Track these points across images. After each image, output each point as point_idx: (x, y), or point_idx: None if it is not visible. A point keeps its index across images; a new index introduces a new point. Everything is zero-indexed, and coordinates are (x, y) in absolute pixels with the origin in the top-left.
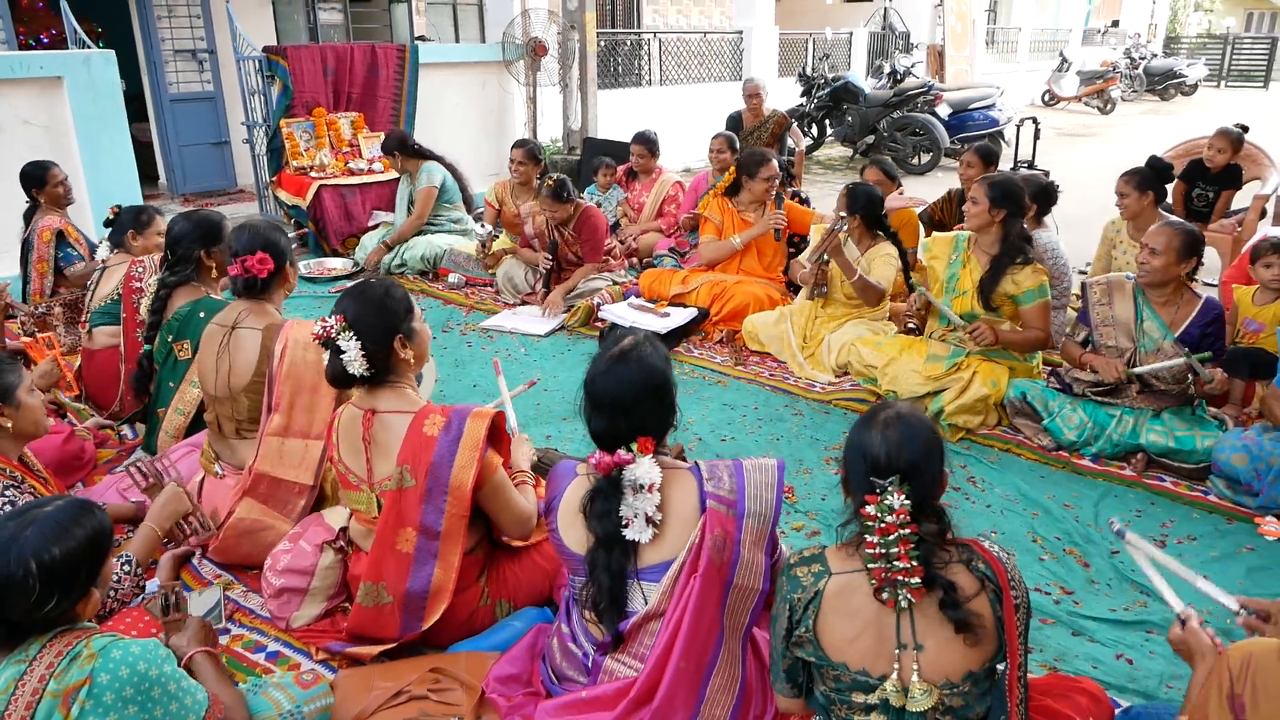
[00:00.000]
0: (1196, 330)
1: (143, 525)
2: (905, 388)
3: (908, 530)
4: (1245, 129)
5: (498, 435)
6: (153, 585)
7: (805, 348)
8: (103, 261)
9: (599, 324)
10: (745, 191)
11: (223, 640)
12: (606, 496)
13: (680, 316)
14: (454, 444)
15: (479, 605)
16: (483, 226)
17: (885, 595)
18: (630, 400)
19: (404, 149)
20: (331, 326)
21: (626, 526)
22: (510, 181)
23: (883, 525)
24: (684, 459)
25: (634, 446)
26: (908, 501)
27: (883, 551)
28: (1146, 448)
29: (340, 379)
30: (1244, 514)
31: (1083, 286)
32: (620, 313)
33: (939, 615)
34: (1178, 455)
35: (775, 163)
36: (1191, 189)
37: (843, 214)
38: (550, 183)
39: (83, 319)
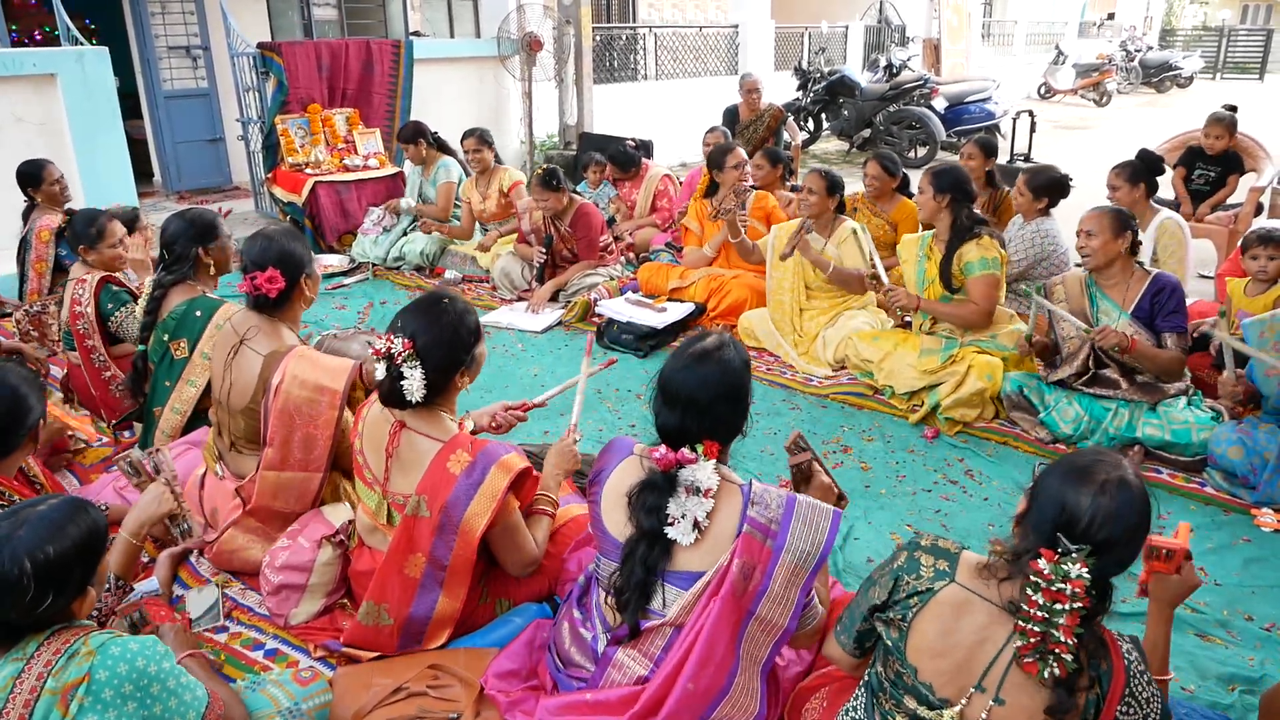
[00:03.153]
0: (1147, 302)
1: (118, 537)
2: (902, 382)
3: (1079, 605)
4: (1233, 108)
5: (522, 479)
6: (149, 585)
7: (800, 343)
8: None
9: (596, 319)
10: (721, 187)
11: (221, 638)
12: (660, 491)
13: (677, 312)
14: (472, 489)
15: (478, 603)
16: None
17: (1030, 659)
18: (706, 402)
19: (426, 140)
20: (398, 352)
21: (671, 525)
22: (473, 176)
23: (1052, 590)
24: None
25: (699, 448)
26: (1088, 576)
27: (1044, 616)
28: (1143, 440)
29: (393, 401)
30: (1241, 505)
31: (1042, 289)
32: (617, 308)
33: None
34: (1174, 448)
35: (741, 151)
36: (1191, 171)
37: (809, 218)
38: (540, 171)
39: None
